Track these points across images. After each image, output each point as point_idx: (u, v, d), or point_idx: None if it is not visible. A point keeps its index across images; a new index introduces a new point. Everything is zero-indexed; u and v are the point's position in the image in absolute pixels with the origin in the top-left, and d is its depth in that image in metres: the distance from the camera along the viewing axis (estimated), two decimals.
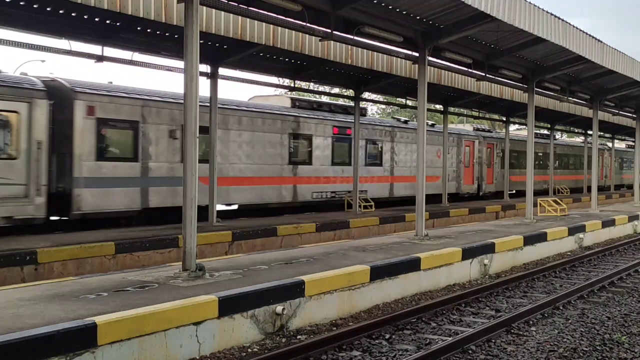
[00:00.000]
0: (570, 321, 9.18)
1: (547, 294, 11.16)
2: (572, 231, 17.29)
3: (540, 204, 21.80)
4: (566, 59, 17.40)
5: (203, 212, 15.01)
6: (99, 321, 6.25)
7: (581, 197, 34.52)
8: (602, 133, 40.00)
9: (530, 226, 17.45)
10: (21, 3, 11.78)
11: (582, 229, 17.94)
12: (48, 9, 12.12)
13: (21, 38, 14.99)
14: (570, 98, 22.66)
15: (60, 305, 7.11)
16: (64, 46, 13.52)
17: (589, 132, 37.05)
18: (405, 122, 27.21)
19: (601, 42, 17.05)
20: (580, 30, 15.66)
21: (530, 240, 15.01)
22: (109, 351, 6.26)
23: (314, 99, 25.50)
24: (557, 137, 40.51)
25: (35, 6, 11.95)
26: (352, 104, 24.52)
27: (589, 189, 31.37)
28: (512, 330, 8.62)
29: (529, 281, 12.34)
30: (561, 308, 10.07)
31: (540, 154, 36.68)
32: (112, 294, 7.78)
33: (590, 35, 16.26)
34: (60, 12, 12.32)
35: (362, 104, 25.80)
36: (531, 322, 9.10)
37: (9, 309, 6.89)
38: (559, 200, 22.46)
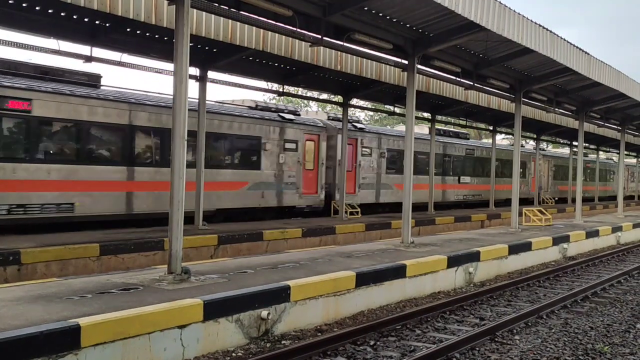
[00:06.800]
0: (553, 330, 9.23)
1: (531, 303, 11.21)
2: (556, 241, 17.41)
3: (525, 213, 21.94)
4: (553, 70, 17.56)
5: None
6: (82, 323, 6.21)
7: (566, 207, 34.76)
8: (587, 144, 40.32)
9: (515, 235, 17.55)
10: (9, 1, 11.70)
11: (566, 239, 18.06)
12: (37, 8, 12.04)
13: (8, 36, 14.91)
14: (557, 109, 22.86)
15: (44, 307, 7.04)
16: (52, 46, 13.44)
17: (575, 142, 37.38)
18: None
19: (588, 54, 17.22)
20: (568, 42, 15.82)
21: (515, 249, 15.09)
22: (92, 353, 6.21)
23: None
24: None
25: (24, 5, 11.87)
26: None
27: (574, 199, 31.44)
28: (496, 339, 8.65)
29: (513, 290, 12.39)
30: (545, 317, 10.12)
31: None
32: (96, 296, 7.72)
33: (577, 47, 16.42)
34: (50, 11, 12.24)
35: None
36: (515, 331, 9.14)
37: None
38: (544, 210, 22.62)
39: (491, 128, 31.13)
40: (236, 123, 19.11)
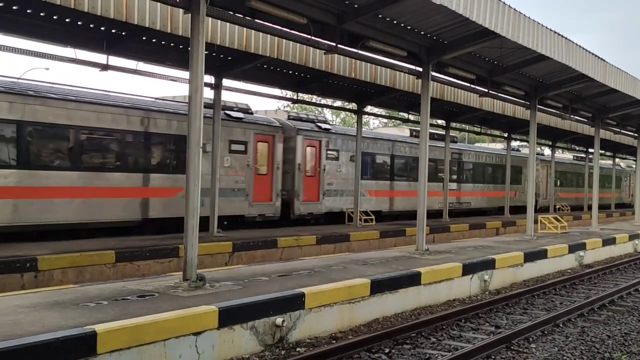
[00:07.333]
0: (570, 339, 9.15)
1: (547, 311, 11.12)
2: (572, 249, 17.27)
3: (540, 220, 21.79)
4: (569, 76, 17.47)
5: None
6: (98, 329, 6.23)
7: (582, 215, 34.48)
8: (602, 151, 39.95)
9: (531, 243, 17.43)
10: (28, 11, 11.83)
11: (582, 246, 17.91)
12: (54, 17, 12.17)
13: (27, 45, 15.15)
14: (572, 116, 22.72)
15: (60, 313, 7.09)
16: (69, 54, 13.60)
17: (590, 150, 37.09)
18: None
19: (604, 60, 17.12)
20: (583, 48, 15.74)
21: (530, 257, 14.99)
22: None
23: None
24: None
25: (41, 14, 12.00)
26: None
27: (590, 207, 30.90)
28: (512, 347, 8.59)
29: (529, 298, 12.30)
30: (561, 325, 10.04)
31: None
32: (112, 303, 7.76)
33: (593, 54, 16.33)
34: (67, 20, 12.37)
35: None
36: (531, 339, 9.07)
37: (9, 316, 6.88)
38: (559, 218, 22.45)
39: (506, 135, 30.99)
40: (167, 121, 16.79)
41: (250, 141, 19.03)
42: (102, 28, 12.97)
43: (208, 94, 16.70)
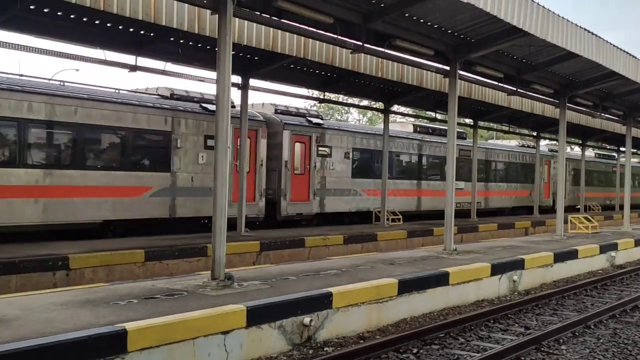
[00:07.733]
0: (601, 341, 9.02)
1: (577, 312, 10.98)
2: (603, 249, 17.01)
3: (570, 220, 21.50)
4: (599, 74, 17.22)
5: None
6: (129, 327, 6.31)
7: (613, 214, 33.93)
8: (635, 150, 39.11)
9: (561, 243, 17.22)
10: (59, 14, 12.02)
11: (614, 247, 17.64)
12: (84, 19, 12.35)
13: (58, 47, 15.45)
14: (603, 114, 22.38)
15: (91, 311, 7.19)
16: (98, 56, 13.78)
17: (622, 148, 36.45)
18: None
19: (635, 57, 16.84)
20: (614, 45, 15.50)
21: (560, 257, 14.81)
22: (139, 358, 6.30)
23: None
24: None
25: (72, 16, 12.18)
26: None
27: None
28: (542, 348, 8.49)
29: (559, 299, 12.15)
30: (592, 327, 9.89)
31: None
32: (141, 301, 7.85)
33: (624, 51, 16.08)
34: (96, 22, 12.54)
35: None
36: (561, 341, 8.95)
37: (42, 313, 7.01)
38: (590, 217, 22.13)
39: (535, 134, 30.66)
40: (132, 114, 15.42)
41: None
42: (131, 29, 13.12)
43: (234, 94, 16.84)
